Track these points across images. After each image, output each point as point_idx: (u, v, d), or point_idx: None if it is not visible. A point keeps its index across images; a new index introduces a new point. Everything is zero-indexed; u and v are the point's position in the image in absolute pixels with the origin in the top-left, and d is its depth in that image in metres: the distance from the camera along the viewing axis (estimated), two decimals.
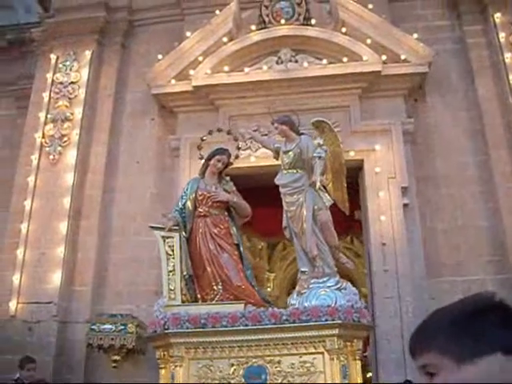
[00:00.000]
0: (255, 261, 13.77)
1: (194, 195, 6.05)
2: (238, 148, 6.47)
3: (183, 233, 5.85)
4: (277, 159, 6.24)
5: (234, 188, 6.26)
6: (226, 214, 6.11)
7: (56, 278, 8.11)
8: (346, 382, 4.86)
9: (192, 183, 6.26)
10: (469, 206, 7.98)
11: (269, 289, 15.20)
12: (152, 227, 5.97)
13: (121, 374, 7.64)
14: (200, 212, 5.99)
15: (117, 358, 7.59)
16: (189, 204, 6.01)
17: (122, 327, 7.47)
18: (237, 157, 6.40)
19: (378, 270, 7.65)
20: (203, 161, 6.37)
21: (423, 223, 7.93)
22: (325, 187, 5.89)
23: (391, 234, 7.73)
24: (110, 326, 7.48)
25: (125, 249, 8.44)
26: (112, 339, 7.42)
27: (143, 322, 7.70)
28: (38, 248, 8.30)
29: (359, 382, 5.07)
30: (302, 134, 6.15)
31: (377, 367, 7.43)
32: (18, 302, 8.06)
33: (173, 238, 5.74)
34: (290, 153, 5.90)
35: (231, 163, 6.33)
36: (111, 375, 7.67)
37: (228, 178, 6.33)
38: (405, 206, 7.87)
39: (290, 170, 5.91)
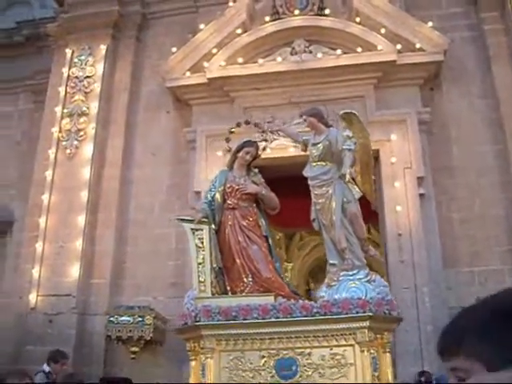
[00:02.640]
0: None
1: (222, 188, 6.01)
2: (266, 140, 6.41)
3: (212, 225, 5.84)
4: (305, 152, 6.18)
5: (263, 180, 6.21)
6: (254, 206, 6.06)
7: (74, 270, 8.22)
8: (377, 374, 4.85)
9: (220, 176, 6.22)
10: (486, 196, 7.91)
11: (287, 279, 15.20)
12: (181, 219, 5.94)
13: (139, 365, 7.73)
14: (229, 204, 5.95)
15: (135, 349, 7.69)
16: (218, 196, 5.97)
17: (140, 319, 7.57)
18: (264, 149, 6.36)
19: (395, 260, 7.63)
20: (231, 153, 6.32)
21: (439, 213, 7.87)
22: (354, 179, 5.84)
23: (407, 224, 7.70)
24: (127, 318, 7.58)
25: (142, 241, 8.51)
26: (130, 331, 7.53)
27: (161, 314, 7.80)
28: (56, 241, 8.41)
29: (389, 374, 5.05)
30: (331, 126, 6.10)
31: (394, 358, 7.41)
32: (37, 295, 8.20)
33: (202, 230, 5.71)
34: (319, 145, 5.83)
35: (259, 155, 6.29)
36: (130, 366, 7.77)
37: (256, 170, 6.29)
38: (421, 196, 7.83)
39: (318, 163, 5.83)
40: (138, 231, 8.59)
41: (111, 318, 7.61)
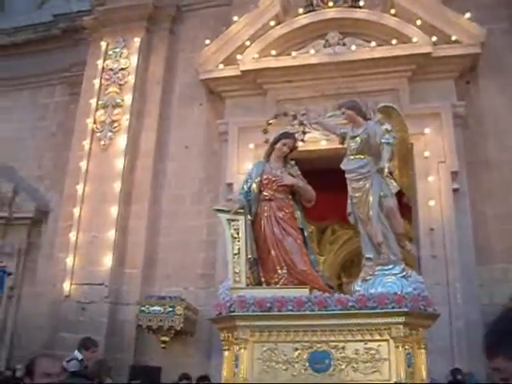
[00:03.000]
0: None
1: (259, 179, 6.01)
2: (304, 133, 6.37)
3: (248, 216, 5.85)
4: (342, 144, 6.15)
5: (299, 172, 6.20)
6: (290, 197, 6.05)
7: (107, 260, 8.35)
8: (411, 370, 4.81)
9: (257, 167, 6.21)
10: None
11: (321, 272, 15.17)
12: (217, 210, 5.98)
13: (169, 354, 7.82)
14: (265, 196, 5.95)
15: (165, 338, 7.78)
16: (254, 187, 5.96)
17: (171, 309, 7.65)
18: (302, 141, 6.34)
19: (426, 255, 7.54)
20: (268, 144, 6.32)
21: (473, 208, 7.74)
22: (391, 174, 5.78)
23: (440, 219, 7.60)
24: (158, 308, 7.67)
25: (174, 232, 8.59)
26: (161, 321, 7.62)
27: (191, 304, 7.87)
28: (90, 231, 8.55)
29: (424, 370, 5.00)
30: (369, 119, 6.05)
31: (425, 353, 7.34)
32: (71, 283, 8.36)
33: (238, 221, 5.72)
34: (357, 138, 5.77)
35: (297, 147, 6.28)
36: (160, 355, 7.86)
37: (293, 163, 6.28)
38: (454, 190, 7.71)
39: (356, 156, 5.78)
40: (169, 222, 8.66)
41: (142, 308, 7.71)
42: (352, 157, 5.76)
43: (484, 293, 7.38)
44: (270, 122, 6.39)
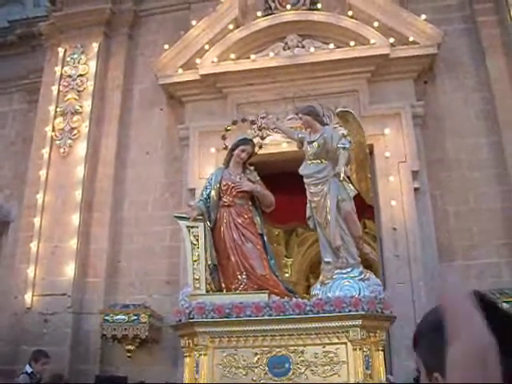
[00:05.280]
0: (272, 246, 13.78)
1: (218, 185, 6.04)
2: (263, 138, 6.42)
3: (208, 222, 5.85)
4: (300, 149, 6.19)
5: (258, 178, 6.23)
6: (250, 203, 6.09)
7: (69, 270, 8.21)
8: (369, 372, 4.85)
9: (216, 173, 6.24)
10: (481, 189, 7.86)
11: (287, 274, 15.21)
12: (177, 217, 5.98)
13: (136, 363, 7.73)
14: (224, 202, 5.97)
15: (131, 347, 7.69)
16: (213, 194, 5.99)
17: (135, 317, 7.57)
18: (260, 146, 6.36)
19: (390, 255, 7.60)
20: (228, 151, 6.33)
21: (435, 207, 7.83)
22: (349, 178, 5.84)
23: (402, 218, 7.66)
24: (123, 317, 7.58)
25: (136, 239, 8.50)
26: (125, 329, 7.52)
27: (156, 312, 7.79)
28: (51, 241, 8.40)
29: (382, 372, 5.06)
30: (326, 124, 6.10)
31: (390, 353, 7.39)
32: (33, 295, 8.19)
33: (197, 227, 5.74)
34: (315, 143, 5.84)
35: (255, 153, 6.30)
36: (126, 364, 7.77)
37: (252, 168, 6.30)
38: (416, 190, 7.78)
39: (314, 161, 5.85)
40: (132, 229, 8.57)
41: (106, 317, 7.61)
42: (310, 162, 5.82)
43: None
44: (228, 128, 6.42)
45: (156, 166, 8.83)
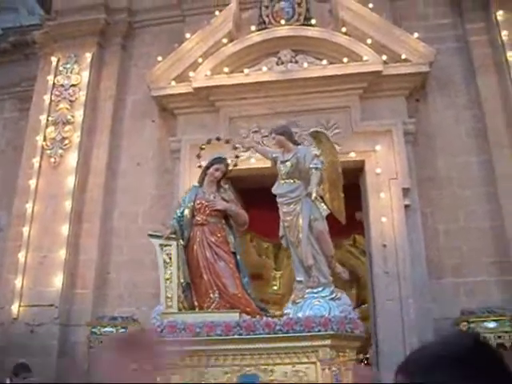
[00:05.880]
0: (261, 259, 13.79)
1: (192, 204, 6.09)
2: (237, 157, 6.50)
3: (181, 241, 5.89)
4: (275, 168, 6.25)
5: (233, 196, 6.32)
6: (223, 222, 6.15)
7: (58, 280, 8.15)
8: None
9: (191, 192, 6.33)
10: (471, 207, 7.90)
11: (275, 287, 15.21)
12: (150, 235, 6.01)
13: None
14: (198, 220, 6.03)
15: None
16: (187, 212, 6.05)
17: (123, 330, 7.51)
18: (235, 165, 6.43)
19: (379, 271, 7.61)
20: (202, 169, 6.39)
21: (425, 224, 7.86)
22: (322, 197, 5.89)
23: (392, 235, 7.68)
24: (110, 329, 7.53)
25: (126, 251, 8.46)
26: None
27: (144, 325, 7.73)
28: (39, 251, 8.34)
29: None
30: (299, 144, 6.18)
31: (378, 369, 7.39)
32: (20, 305, 8.11)
33: (170, 246, 5.79)
34: (288, 163, 5.92)
35: (230, 172, 6.36)
36: None
37: (227, 187, 6.37)
38: (406, 207, 7.81)
39: (287, 180, 5.93)
40: (121, 241, 8.53)
41: (94, 329, 7.56)
42: (282, 181, 5.91)
43: (436, 307, 7.48)
44: (203, 146, 6.51)
45: (147, 178, 8.81)
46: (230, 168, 6.36)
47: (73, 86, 9.24)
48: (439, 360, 1.00)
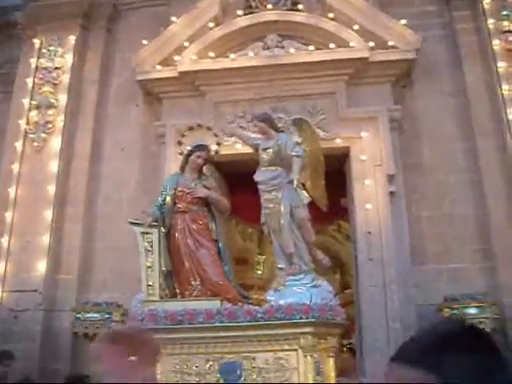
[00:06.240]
0: (245, 243, 13.81)
1: (173, 191, 6.08)
2: (218, 144, 6.48)
3: (162, 228, 5.88)
4: (256, 155, 6.25)
5: (215, 184, 6.31)
6: (205, 209, 6.14)
7: (41, 266, 8.09)
8: (320, 378, 4.92)
9: (172, 179, 6.31)
10: (455, 194, 7.96)
11: (259, 272, 15.23)
12: (131, 223, 5.99)
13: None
14: (179, 208, 6.02)
15: None
16: (168, 200, 6.05)
17: (108, 316, 7.50)
18: (217, 152, 6.41)
19: (364, 258, 7.65)
20: (183, 156, 6.36)
21: (409, 211, 7.90)
22: (303, 185, 5.91)
23: (377, 222, 7.72)
24: (95, 315, 7.50)
25: (110, 236, 8.40)
26: (97, 328, 7.43)
27: (128, 311, 7.72)
28: (22, 236, 8.26)
29: (333, 378, 5.13)
30: (281, 131, 6.18)
31: (362, 355, 7.47)
32: (3, 291, 8.05)
33: (151, 233, 5.78)
34: (269, 150, 5.93)
35: (211, 158, 6.35)
36: (97, 363, 7.67)
37: (209, 174, 6.35)
38: (391, 193, 7.84)
39: (268, 168, 5.95)
40: (105, 226, 8.47)
41: (78, 315, 7.52)
42: (264, 168, 5.92)
43: (419, 293, 7.55)
44: (185, 133, 6.47)
45: (131, 163, 8.74)
46: (212, 155, 6.34)
47: (56, 69, 9.10)
48: (431, 347, 1.02)
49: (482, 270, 7.63)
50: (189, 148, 6.32)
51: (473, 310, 6.94)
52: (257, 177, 5.97)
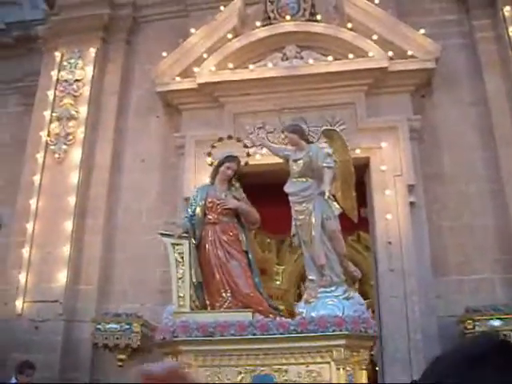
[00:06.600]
0: (264, 254, 13.81)
1: (203, 202, 6.05)
2: (248, 155, 6.46)
3: (192, 240, 5.85)
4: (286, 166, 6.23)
5: (244, 195, 6.27)
6: (235, 220, 6.12)
7: (62, 276, 8.14)
8: None
9: (202, 190, 6.27)
10: (476, 204, 7.88)
11: (278, 282, 15.22)
12: (162, 234, 5.98)
13: (127, 373, 7.65)
14: (209, 219, 5.99)
15: (122, 356, 7.61)
16: (199, 211, 6.01)
17: (127, 326, 7.50)
18: (246, 164, 6.39)
19: (384, 269, 7.59)
20: (213, 167, 6.35)
21: (430, 221, 7.83)
22: (334, 196, 5.87)
23: (397, 232, 7.66)
24: (115, 326, 7.51)
25: (130, 247, 8.44)
26: (117, 339, 7.46)
27: (148, 321, 7.73)
28: (43, 247, 8.33)
29: None
30: (311, 142, 6.14)
31: (383, 366, 7.39)
32: (24, 301, 8.10)
33: (182, 245, 5.76)
34: (300, 161, 5.89)
35: (241, 170, 6.33)
36: (117, 374, 7.69)
37: (238, 185, 6.33)
38: (411, 204, 7.78)
39: (299, 179, 5.90)
40: (125, 237, 8.51)
41: (98, 326, 7.54)
42: (295, 179, 5.88)
43: (441, 304, 7.47)
44: (215, 144, 6.46)
45: (151, 174, 8.79)
46: (242, 166, 6.32)
47: (77, 81, 9.21)
48: (460, 365, 0.97)
49: (504, 280, 7.53)
50: (218, 159, 6.31)
51: (496, 323, 6.83)
52: (287, 188, 5.94)
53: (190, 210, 6.11)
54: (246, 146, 6.55)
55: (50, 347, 7.76)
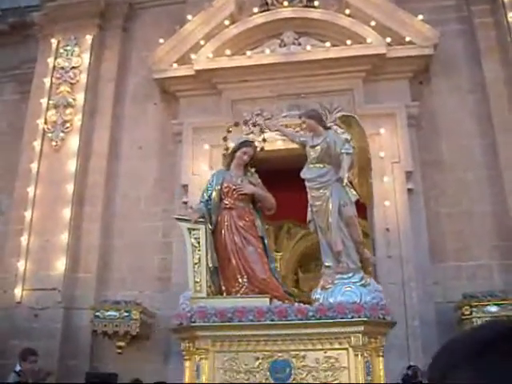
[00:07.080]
0: None
1: (219, 187, 6.00)
2: (264, 140, 6.40)
3: (209, 225, 5.82)
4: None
5: (259, 180, 6.22)
6: (251, 206, 6.07)
7: (60, 264, 8.14)
8: (370, 378, 4.87)
9: (218, 175, 6.21)
10: (474, 191, 7.88)
11: (276, 269, 15.21)
12: (178, 219, 5.94)
13: (126, 360, 7.69)
14: (225, 204, 5.94)
15: (121, 344, 7.65)
16: (215, 195, 5.95)
17: (126, 314, 7.53)
18: (262, 149, 6.34)
19: (382, 255, 7.60)
20: (229, 152, 6.31)
21: (428, 208, 7.84)
22: (351, 183, 5.83)
23: (395, 219, 7.67)
24: (114, 313, 7.53)
25: (128, 234, 8.44)
26: (116, 326, 7.48)
27: (147, 309, 7.76)
28: (42, 235, 8.32)
29: (382, 377, 5.07)
30: (329, 128, 6.09)
31: None
32: (23, 289, 8.12)
33: (198, 230, 5.71)
34: (318, 147, 5.82)
35: (257, 155, 6.28)
36: (116, 361, 7.73)
37: (253, 170, 6.28)
38: (409, 190, 7.79)
39: (316, 165, 5.83)
40: (124, 224, 8.51)
41: (97, 313, 7.56)
42: (312, 165, 5.81)
43: (438, 291, 7.50)
44: (230, 129, 6.39)
45: (149, 161, 8.77)
46: (257, 151, 6.27)
47: (73, 68, 9.16)
48: (469, 352, 0.97)
49: (501, 266, 7.56)
50: (234, 144, 6.26)
51: (493, 309, 6.86)
52: (304, 174, 5.88)
53: (205, 195, 6.05)
54: (262, 132, 6.46)
55: (50, 335, 7.78)
